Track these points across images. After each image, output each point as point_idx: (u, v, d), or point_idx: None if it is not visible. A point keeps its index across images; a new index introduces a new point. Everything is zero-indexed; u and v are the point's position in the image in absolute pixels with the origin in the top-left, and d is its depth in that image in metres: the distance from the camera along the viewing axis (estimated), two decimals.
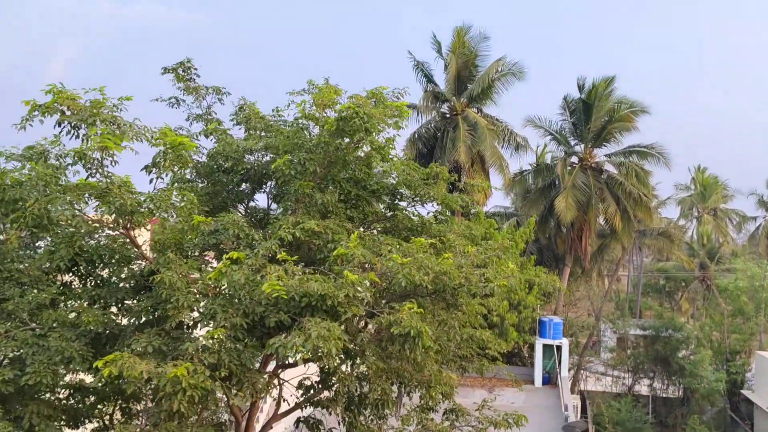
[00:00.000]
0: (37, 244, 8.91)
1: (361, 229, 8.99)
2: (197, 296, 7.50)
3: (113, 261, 8.44)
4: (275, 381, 9.69)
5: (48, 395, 8.06)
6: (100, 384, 7.83)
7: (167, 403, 6.30)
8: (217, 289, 7.56)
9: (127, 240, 8.23)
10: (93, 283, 8.57)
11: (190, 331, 7.89)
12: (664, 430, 33.46)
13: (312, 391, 9.30)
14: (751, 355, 34.01)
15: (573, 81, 30.96)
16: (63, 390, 8.53)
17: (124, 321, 8.16)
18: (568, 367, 28.44)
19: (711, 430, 30.12)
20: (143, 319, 7.91)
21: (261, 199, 10.40)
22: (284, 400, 9.92)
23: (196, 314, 7.96)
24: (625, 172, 31.48)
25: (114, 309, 8.30)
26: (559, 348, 26.91)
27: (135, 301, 8.10)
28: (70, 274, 8.44)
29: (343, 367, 8.89)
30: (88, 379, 7.97)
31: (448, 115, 30.77)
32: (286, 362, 9.35)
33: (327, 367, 8.29)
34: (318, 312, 6.99)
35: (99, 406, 8.72)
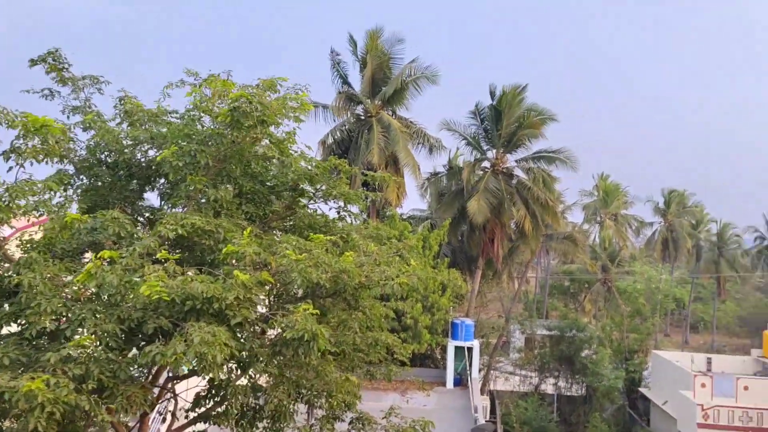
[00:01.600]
0: None
1: (254, 228, 8.34)
2: (66, 301, 6.65)
3: None
4: (168, 393, 8.95)
5: None
6: None
7: (22, 422, 5.51)
8: (88, 293, 6.77)
9: None
10: None
11: (61, 340, 7.00)
12: (567, 428, 34.62)
13: (201, 405, 8.52)
14: (648, 353, 35.90)
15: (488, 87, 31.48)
16: None
17: None
18: (479, 368, 28.83)
19: (611, 427, 31.41)
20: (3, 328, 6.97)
21: (154, 199, 9.57)
22: (179, 416, 9.16)
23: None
24: (534, 178, 32.38)
25: None
26: (470, 349, 27.19)
27: None
28: None
29: (239, 378, 8.23)
30: None
31: (362, 117, 30.52)
32: (181, 373, 8.62)
33: (215, 377, 7.61)
34: (204, 316, 6.36)
35: None
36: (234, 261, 7.07)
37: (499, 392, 35.47)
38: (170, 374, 9.00)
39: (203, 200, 8.16)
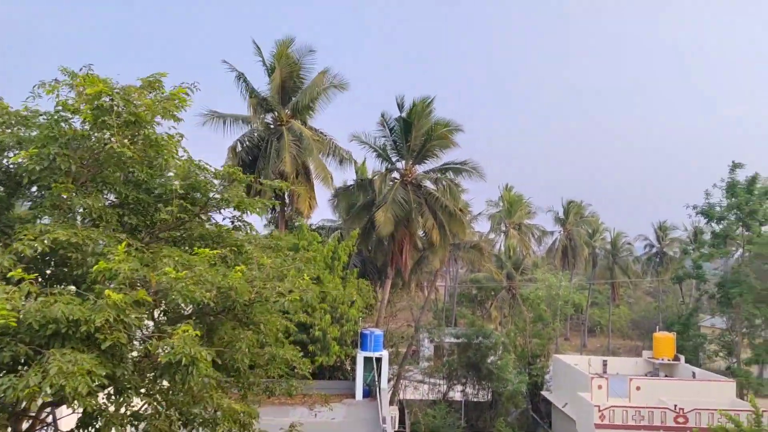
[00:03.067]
0: None
1: (135, 241, 7.64)
2: None
3: None
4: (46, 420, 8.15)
5: None
6: None
7: None
8: None
9: None
10: None
11: None
12: None
13: None
14: (549, 358, 37.30)
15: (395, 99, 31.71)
16: None
17: None
18: (388, 378, 28.83)
19: (515, 431, 32.29)
20: None
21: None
22: None
23: None
24: (442, 188, 32.93)
25: None
26: (379, 360, 27.10)
27: None
28: None
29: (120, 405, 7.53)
30: None
31: (272, 125, 29.98)
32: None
33: (88, 406, 6.91)
34: (71, 341, 5.77)
35: None
36: (107, 279, 6.46)
37: (408, 401, 35.64)
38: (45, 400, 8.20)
39: (79, 210, 7.46)
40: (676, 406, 25.67)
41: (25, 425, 7.77)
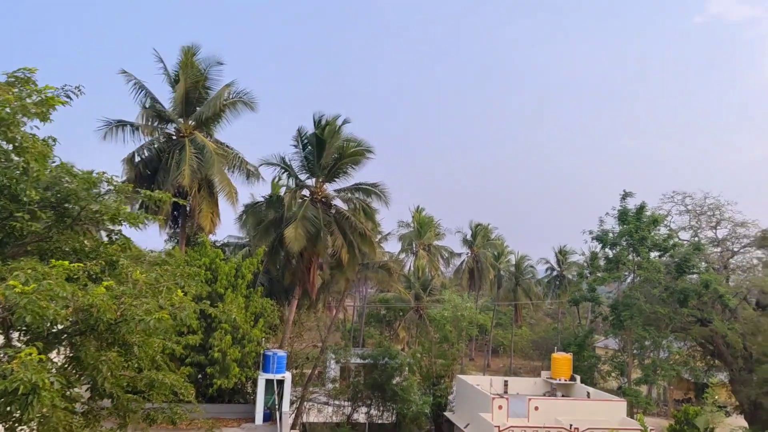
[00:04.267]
0: None
1: None
2: None
3: None
4: None
5: None
6: None
7: None
8: None
9: None
10: None
11: None
12: None
13: None
14: (454, 378, 37.70)
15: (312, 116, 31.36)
16: None
17: None
18: (291, 401, 28.06)
19: None
20: None
21: None
22: None
23: None
24: (353, 208, 32.79)
25: None
26: (281, 382, 26.35)
27: None
28: None
29: None
30: None
31: (174, 137, 28.80)
32: None
33: None
34: None
35: None
36: None
37: (312, 424, 34.89)
38: None
39: None
40: (571, 426, 26.50)
41: None
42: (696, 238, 41.32)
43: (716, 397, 41.12)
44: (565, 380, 33.37)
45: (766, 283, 38.13)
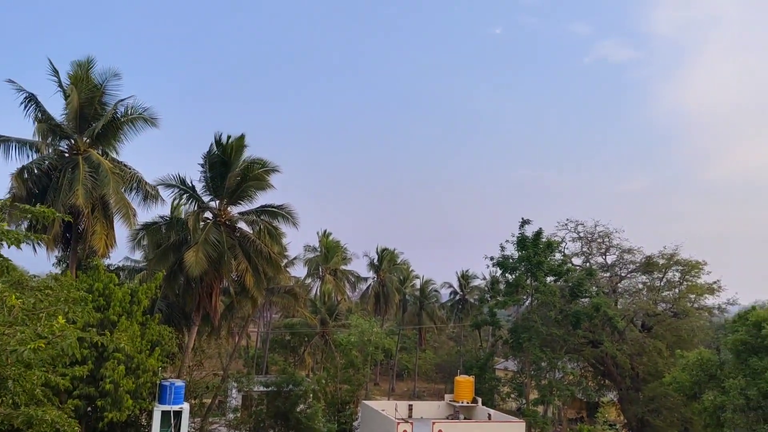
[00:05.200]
0: None
1: None
2: None
3: None
4: None
5: None
6: None
7: None
8: None
9: None
10: None
11: None
12: None
13: None
14: (359, 404, 37.47)
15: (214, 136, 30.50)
16: None
17: None
18: None
19: None
20: None
21: None
22: None
23: None
24: (258, 231, 32.13)
25: None
26: (178, 413, 25.13)
27: None
28: None
29: None
30: None
31: (67, 154, 27.17)
32: None
33: None
34: None
35: None
36: None
37: None
38: None
39: None
40: None
41: None
42: (588, 264, 43.83)
43: (607, 415, 43.50)
44: (468, 403, 34.01)
45: (650, 306, 40.94)
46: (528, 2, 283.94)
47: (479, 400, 34.55)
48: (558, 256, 41.33)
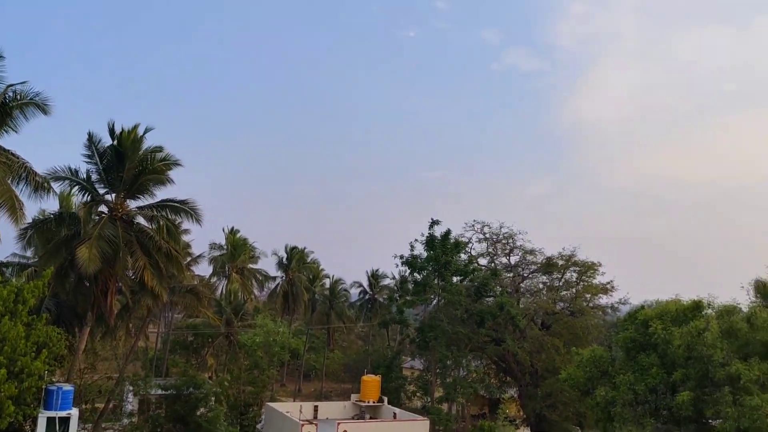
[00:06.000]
0: None
1: None
2: None
3: None
4: None
5: None
6: None
7: None
8: None
9: None
10: None
11: None
12: None
13: None
14: (263, 406, 36.63)
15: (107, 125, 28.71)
16: None
17: None
18: None
19: None
20: None
21: None
22: None
23: None
24: (158, 226, 30.66)
25: None
26: (66, 420, 23.57)
27: None
28: None
29: None
30: None
31: None
32: None
33: None
34: None
35: None
36: None
37: None
38: None
39: None
40: None
41: None
42: (493, 264, 45.14)
43: (507, 411, 44.96)
44: (374, 402, 34.08)
45: (549, 305, 42.69)
46: (442, 7, 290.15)
47: (385, 399, 34.71)
48: (464, 256, 42.25)
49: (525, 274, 46.08)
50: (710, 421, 21.39)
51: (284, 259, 66.70)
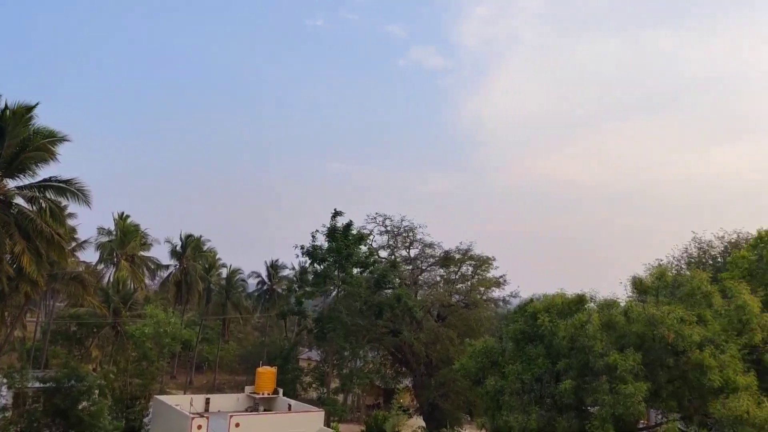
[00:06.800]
0: None
1: None
2: None
3: None
4: None
5: None
6: None
7: None
8: None
9: None
10: None
11: None
12: None
13: None
14: (151, 398, 35.08)
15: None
16: None
17: None
18: None
19: None
20: None
21: None
22: None
23: None
24: (39, 208, 28.53)
25: None
26: None
27: None
28: None
29: None
30: None
31: None
32: None
33: None
34: None
35: None
36: None
37: None
38: None
39: None
40: None
41: None
42: (393, 256, 45.67)
43: (401, 401, 45.78)
44: (269, 394, 33.53)
45: (445, 297, 43.83)
46: None
47: (280, 390, 34.25)
48: (365, 248, 42.46)
49: (423, 267, 47.00)
50: (589, 408, 22.74)
51: (178, 247, 64.14)
